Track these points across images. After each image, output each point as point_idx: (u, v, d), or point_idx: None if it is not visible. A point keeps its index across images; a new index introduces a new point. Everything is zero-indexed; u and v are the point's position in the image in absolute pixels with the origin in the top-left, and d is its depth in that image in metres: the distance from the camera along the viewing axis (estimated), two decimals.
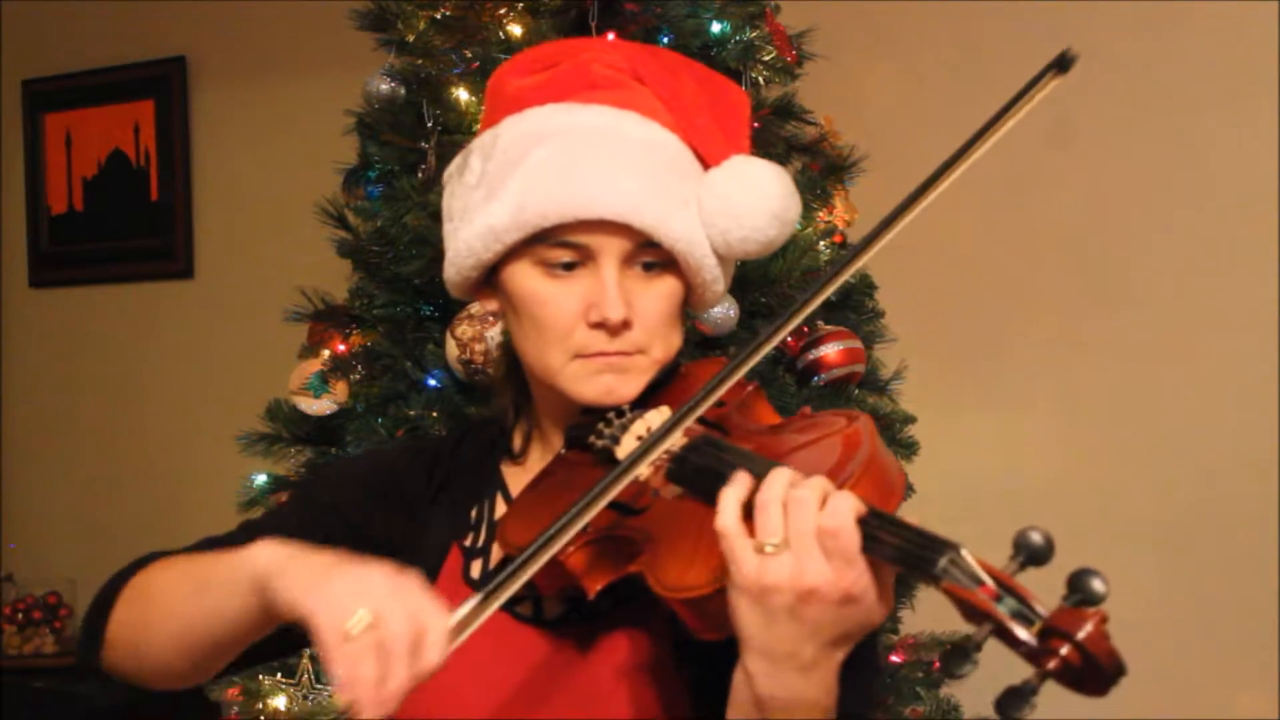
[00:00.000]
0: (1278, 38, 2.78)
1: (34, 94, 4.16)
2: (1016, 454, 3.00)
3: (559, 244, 1.14)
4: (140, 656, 1.16)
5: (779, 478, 0.94)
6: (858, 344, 2.30)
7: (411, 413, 2.14)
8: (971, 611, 0.82)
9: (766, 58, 2.26)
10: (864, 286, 2.41)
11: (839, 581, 0.91)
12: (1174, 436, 2.89)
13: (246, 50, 3.84)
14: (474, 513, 1.25)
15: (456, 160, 1.26)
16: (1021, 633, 0.79)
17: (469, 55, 2.22)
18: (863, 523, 0.91)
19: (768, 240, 1.19)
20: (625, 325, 1.14)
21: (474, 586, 1.21)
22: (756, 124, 2.26)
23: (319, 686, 2.21)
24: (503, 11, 2.20)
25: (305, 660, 2.19)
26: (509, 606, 1.18)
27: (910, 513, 0.92)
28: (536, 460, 1.26)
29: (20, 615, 3.81)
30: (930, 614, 2.32)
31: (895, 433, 2.37)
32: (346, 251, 2.30)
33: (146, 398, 3.99)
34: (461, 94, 2.21)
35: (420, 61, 2.25)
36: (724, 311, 2.09)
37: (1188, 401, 2.88)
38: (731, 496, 0.95)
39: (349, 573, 0.94)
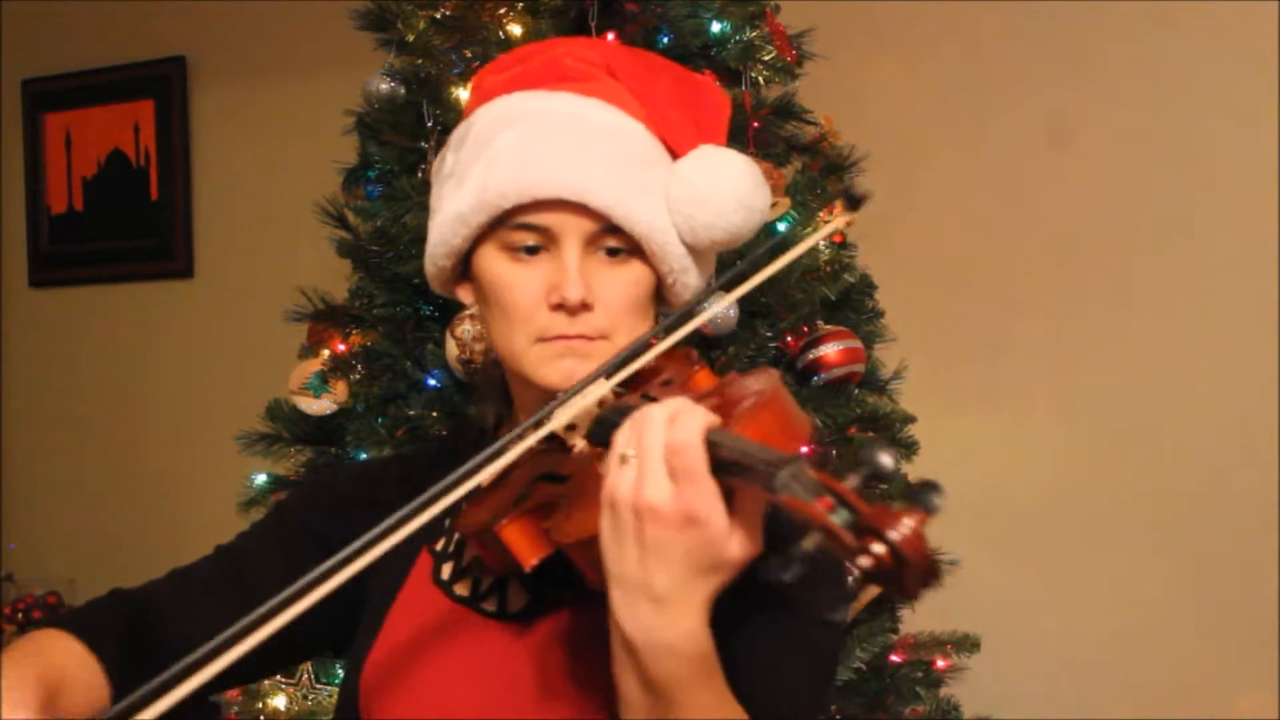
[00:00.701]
0: (1278, 38, 2.78)
1: (34, 94, 4.16)
2: (1016, 454, 3.00)
3: (521, 226, 1.15)
4: None
5: (650, 404, 0.95)
6: (857, 344, 2.29)
7: (411, 413, 2.14)
8: (806, 523, 0.81)
9: (766, 57, 2.25)
10: (864, 286, 2.40)
11: (678, 501, 0.89)
12: (1174, 436, 2.89)
13: (246, 50, 3.84)
14: (447, 519, 1.26)
15: (437, 159, 1.27)
16: (848, 539, 0.78)
17: (469, 55, 2.22)
18: (711, 444, 0.90)
19: (733, 227, 1.19)
20: (585, 307, 1.14)
21: (443, 588, 1.22)
22: (757, 124, 2.26)
23: (319, 686, 2.21)
24: (503, 11, 2.20)
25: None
26: (474, 603, 1.19)
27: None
28: None
29: (20, 615, 3.81)
30: (931, 614, 2.32)
31: (895, 433, 2.36)
32: (346, 251, 2.30)
33: (146, 398, 3.99)
34: (461, 94, 2.21)
35: (420, 61, 2.25)
36: (724, 311, 2.09)
37: (1187, 401, 2.88)
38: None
39: None
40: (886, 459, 0.82)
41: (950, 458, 2.35)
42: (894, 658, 2.37)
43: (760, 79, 2.27)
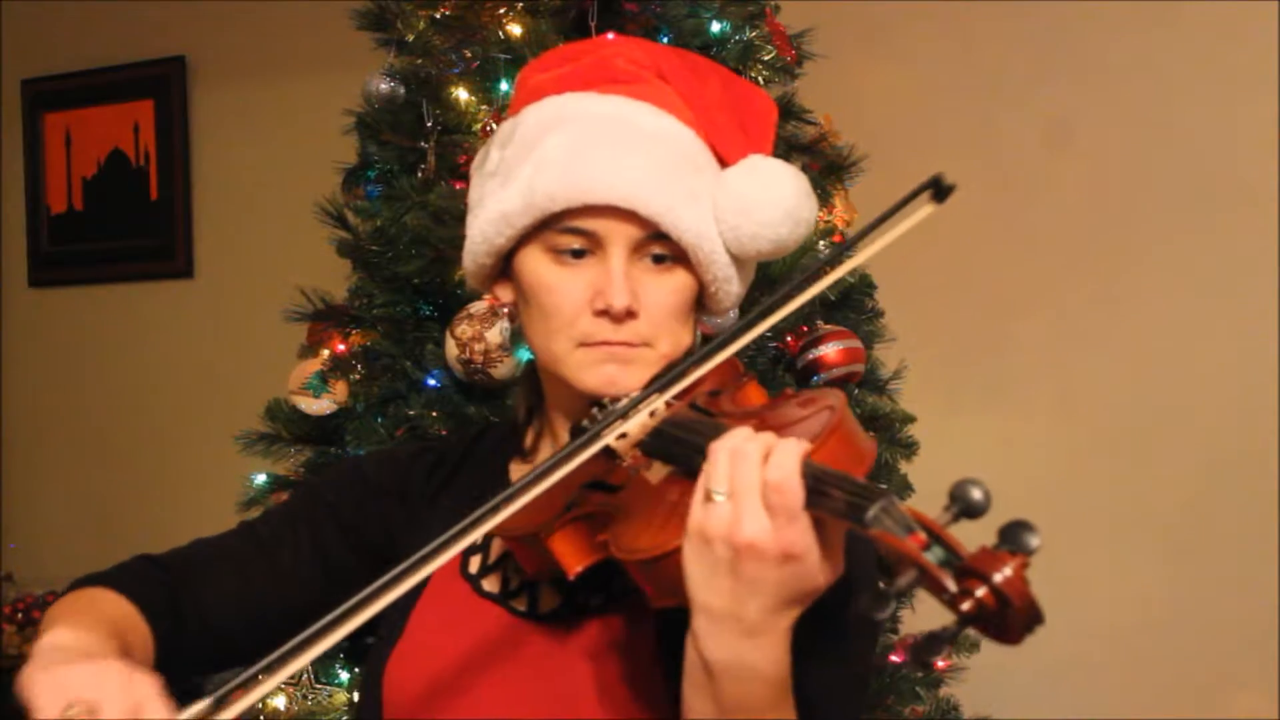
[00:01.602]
0: (1277, 38, 2.78)
1: (34, 93, 4.16)
2: (1016, 454, 2.99)
3: (568, 230, 1.15)
4: None
5: (737, 433, 0.94)
6: (857, 343, 2.29)
7: (411, 412, 2.14)
8: (899, 559, 0.81)
9: (766, 57, 2.25)
10: (864, 286, 2.40)
11: (778, 538, 0.89)
12: (1173, 436, 2.89)
13: (246, 50, 3.84)
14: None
15: (479, 152, 1.27)
16: (946, 580, 0.79)
17: (468, 55, 2.22)
18: (807, 479, 0.90)
19: (779, 238, 1.19)
20: (630, 314, 1.14)
21: (471, 582, 1.22)
22: None
23: (319, 686, 2.21)
24: (502, 11, 2.20)
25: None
26: (504, 600, 1.19)
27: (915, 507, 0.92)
28: (546, 456, 1.26)
29: (20, 615, 3.82)
30: (931, 613, 2.32)
31: (895, 433, 2.36)
32: (346, 251, 2.30)
33: (146, 397, 3.99)
34: (461, 94, 2.21)
35: (420, 61, 2.25)
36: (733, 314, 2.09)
37: (1187, 401, 2.88)
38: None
39: (79, 665, 0.94)
40: (978, 494, 0.82)
41: (950, 458, 2.34)
42: (894, 658, 2.37)
43: (760, 79, 2.27)
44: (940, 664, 2.45)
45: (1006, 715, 2.67)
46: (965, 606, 0.77)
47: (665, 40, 2.18)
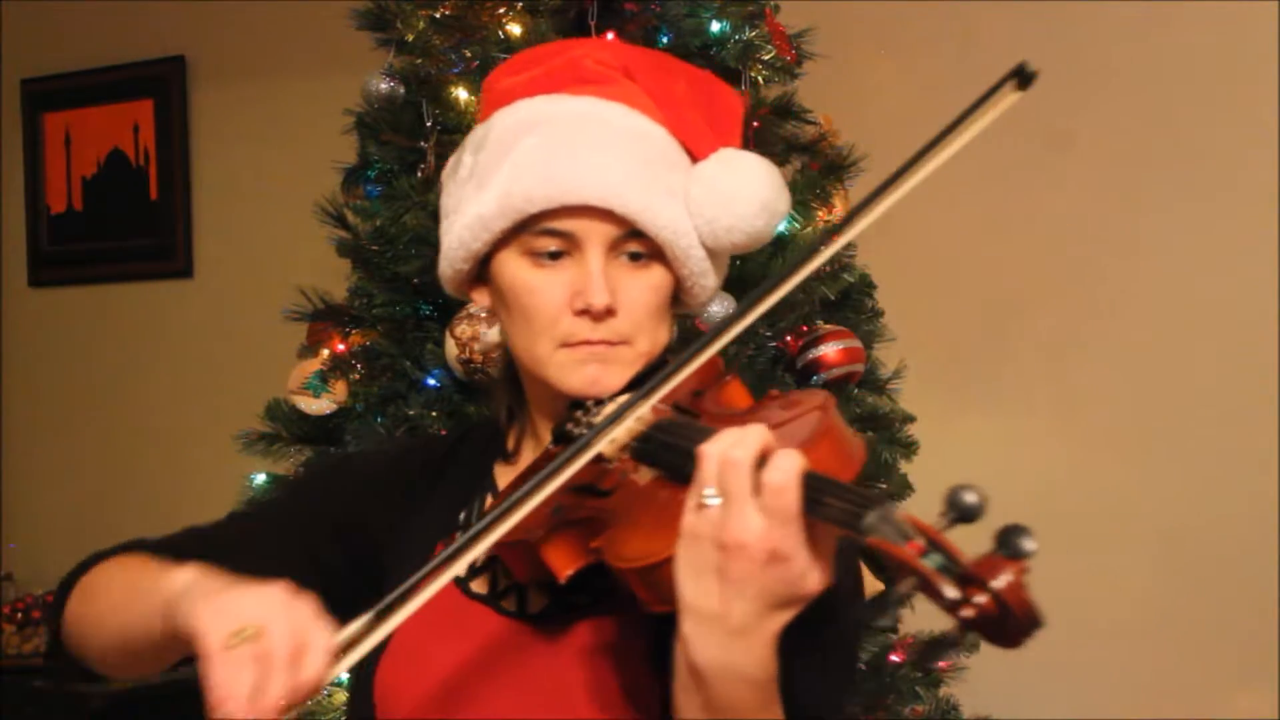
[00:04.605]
0: (1278, 38, 2.78)
1: (33, 93, 4.16)
2: (1016, 454, 2.99)
3: (545, 232, 1.15)
4: (87, 650, 1.19)
5: (725, 436, 0.94)
6: (857, 343, 2.30)
7: (411, 412, 2.14)
8: (898, 566, 0.81)
9: (766, 57, 2.25)
10: (863, 286, 2.41)
11: (766, 539, 0.89)
12: (1173, 436, 2.89)
13: (246, 50, 3.84)
14: (463, 513, 1.25)
15: (451, 160, 1.27)
16: (945, 586, 0.79)
17: (468, 54, 2.22)
18: (804, 486, 0.90)
19: (754, 230, 1.19)
20: (609, 313, 1.14)
21: (460, 585, 1.21)
22: (756, 124, 2.26)
23: None
24: (502, 11, 2.20)
25: None
26: (493, 601, 1.19)
27: (911, 513, 0.92)
28: (529, 459, 1.26)
29: (20, 615, 3.81)
30: (931, 613, 2.32)
31: (895, 432, 2.37)
32: (346, 251, 2.30)
33: (146, 398, 3.99)
34: (461, 93, 2.22)
35: (419, 61, 2.25)
36: (722, 309, 2.09)
37: (1187, 402, 2.88)
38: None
39: (241, 590, 0.95)
40: (972, 498, 0.82)
41: (950, 458, 2.35)
42: (894, 657, 2.37)
43: (759, 79, 2.27)
44: (940, 664, 2.45)
45: (1006, 715, 2.66)
46: (966, 613, 0.78)
47: (665, 40, 2.19)
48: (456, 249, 1.20)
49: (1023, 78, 1.06)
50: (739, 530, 0.90)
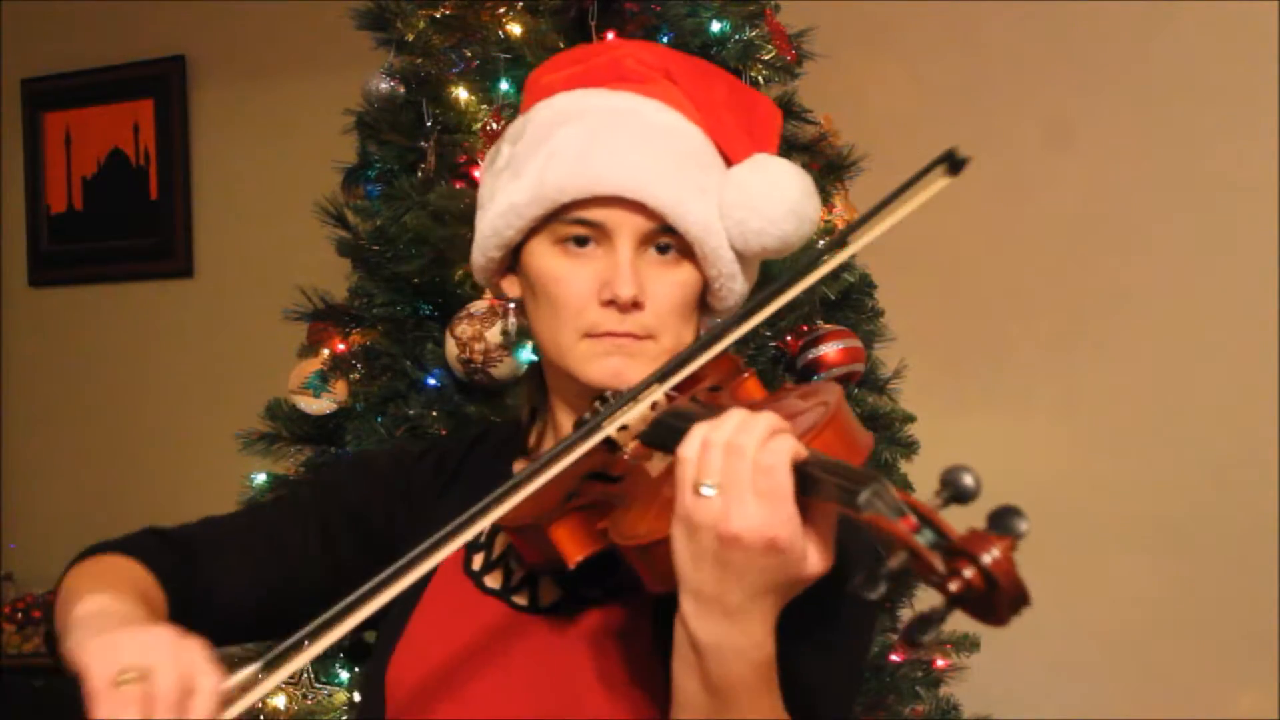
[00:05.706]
0: (1278, 38, 2.78)
1: (33, 93, 4.16)
2: (1017, 454, 2.99)
3: (575, 221, 1.16)
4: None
5: (731, 419, 0.95)
6: (857, 343, 2.29)
7: (411, 412, 2.14)
8: (891, 542, 0.83)
9: (766, 57, 2.25)
10: (864, 286, 2.41)
11: (764, 529, 0.91)
12: (1174, 436, 2.89)
13: (246, 49, 3.84)
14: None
15: (489, 151, 1.28)
16: (935, 560, 0.80)
17: (468, 54, 2.22)
18: (800, 466, 0.91)
19: (784, 235, 1.20)
20: (636, 305, 1.15)
21: (474, 580, 1.22)
22: None
23: (319, 686, 2.21)
24: (502, 11, 2.20)
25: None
26: (505, 596, 1.19)
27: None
28: None
29: (20, 615, 3.81)
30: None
31: (895, 432, 2.37)
32: (346, 250, 2.30)
33: (146, 397, 3.99)
34: (461, 93, 2.21)
35: (420, 61, 2.25)
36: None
37: (1188, 401, 2.88)
38: (701, 429, 0.96)
39: (131, 630, 0.94)
40: (968, 479, 0.84)
41: (950, 458, 2.34)
42: (894, 657, 2.37)
43: (760, 78, 2.27)
44: (940, 663, 2.45)
45: (1006, 715, 2.66)
46: (954, 587, 0.79)
47: (665, 40, 2.19)
48: (489, 236, 1.21)
49: (953, 163, 1.09)
50: (736, 521, 0.91)
